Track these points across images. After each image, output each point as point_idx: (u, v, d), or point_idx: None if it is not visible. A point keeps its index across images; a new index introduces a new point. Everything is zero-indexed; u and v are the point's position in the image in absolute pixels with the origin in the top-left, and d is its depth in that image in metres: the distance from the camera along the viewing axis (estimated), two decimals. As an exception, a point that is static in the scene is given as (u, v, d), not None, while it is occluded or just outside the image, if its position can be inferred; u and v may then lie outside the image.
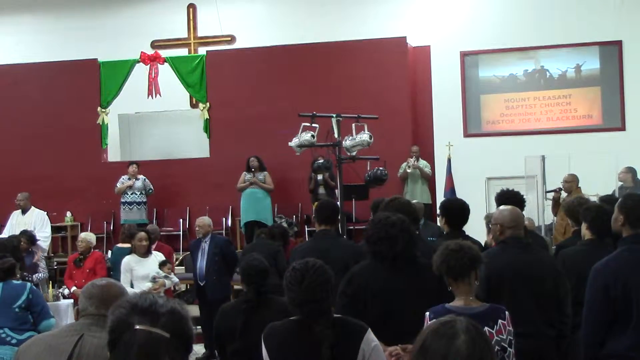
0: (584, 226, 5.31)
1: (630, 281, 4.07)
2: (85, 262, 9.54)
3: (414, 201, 9.04)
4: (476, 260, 3.83)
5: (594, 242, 5.16)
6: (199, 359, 9.47)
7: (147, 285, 8.36)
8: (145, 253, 8.68)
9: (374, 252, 4.43)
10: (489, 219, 5.67)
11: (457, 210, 5.70)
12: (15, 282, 6.44)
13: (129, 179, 13.52)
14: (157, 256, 8.86)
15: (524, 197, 6.22)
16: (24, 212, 12.14)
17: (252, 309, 5.03)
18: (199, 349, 9.78)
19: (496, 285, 4.46)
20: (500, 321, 3.76)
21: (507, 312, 3.81)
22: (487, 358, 1.93)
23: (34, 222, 11.99)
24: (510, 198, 5.80)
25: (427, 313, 3.74)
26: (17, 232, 11.07)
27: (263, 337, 3.67)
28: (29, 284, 6.60)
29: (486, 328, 3.66)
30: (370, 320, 3.77)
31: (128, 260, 8.59)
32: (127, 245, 9.12)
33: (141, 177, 13.56)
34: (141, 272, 8.54)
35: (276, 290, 7.80)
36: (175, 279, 8.90)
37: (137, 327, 2.04)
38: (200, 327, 9.74)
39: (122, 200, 13.44)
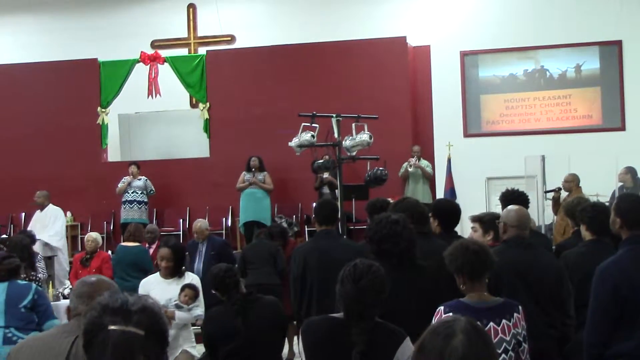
0: (583, 227, 5.29)
1: (637, 281, 4.06)
2: (92, 262, 9.57)
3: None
4: (492, 264, 3.87)
5: (595, 242, 5.13)
6: (199, 359, 9.46)
7: None
8: (171, 274, 6.53)
9: (379, 251, 4.38)
10: (473, 219, 5.65)
11: (448, 212, 5.69)
12: (20, 282, 6.43)
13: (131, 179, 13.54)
14: (189, 278, 6.66)
15: (528, 197, 6.21)
16: (41, 209, 12.22)
17: (244, 309, 5.08)
18: (198, 348, 9.76)
19: (494, 285, 4.46)
20: (515, 315, 3.78)
21: (520, 307, 3.82)
22: (484, 359, 1.92)
23: (48, 218, 12.07)
24: (515, 199, 5.78)
25: (442, 307, 3.72)
26: (36, 230, 11.21)
27: (301, 332, 3.66)
28: (34, 285, 6.59)
29: (503, 321, 3.69)
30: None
31: (147, 281, 6.67)
32: (131, 244, 9.12)
33: (143, 177, 13.56)
34: (157, 298, 6.15)
35: (275, 290, 7.84)
36: (197, 312, 6.57)
37: (111, 327, 2.04)
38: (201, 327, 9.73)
39: (123, 199, 13.44)
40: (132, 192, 13.40)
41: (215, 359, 5.13)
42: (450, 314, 3.61)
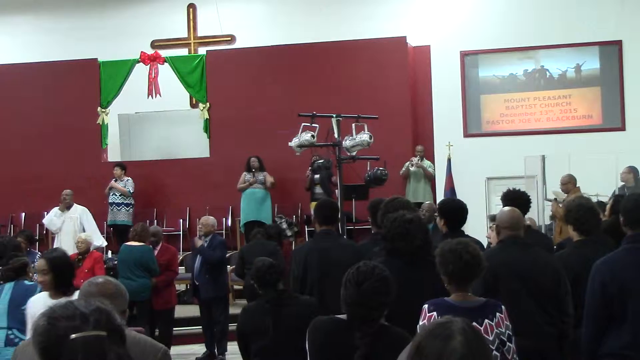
0: (570, 228, 5.26)
1: (626, 280, 4.08)
2: (84, 263, 9.54)
3: (427, 202, 9.09)
4: (481, 272, 3.83)
5: (583, 242, 5.11)
6: (199, 359, 9.47)
7: None
8: (55, 290, 5.06)
9: (391, 249, 4.42)
10: (491, 218, 5.67)
11: (455, 211, 5.69)
12: (27, 282, 6.35)
13: (115, 180, 13.55)
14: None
15: (530, 197, 6.19)
16: (68, 208, 12.23)
17: (276, 307, 5.07)
18: (198, 348, 9.78)
19: (492, 285, 4.46)
20: (498, 314, 3.77)
21: (503, 307, 3.82)
22: (482, 359, 1.93)
23: (80, 217, 12.11)
24: (516, 199, 5.76)
25: (426, 305, 3.72)
26: (67, 229, 11.61)
27: (308, 330, 3.66)
28: (39, 285, 6.52)
29: (486, 321, 3.69)
30: (385, 318, 3.74)
31: (34, 300, 5.26)
32: (136, 243, 9.12)
33: (126, 178, 13.56)
34: None
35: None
36: None
37: (72, 336, 1.93)
38: (201, 327, 9.74)
39: (109, 200, 13.47)
40: (112, 195, 13.44)
41: (247, 355, 5.12)
42: (435, 312, 3.62)
